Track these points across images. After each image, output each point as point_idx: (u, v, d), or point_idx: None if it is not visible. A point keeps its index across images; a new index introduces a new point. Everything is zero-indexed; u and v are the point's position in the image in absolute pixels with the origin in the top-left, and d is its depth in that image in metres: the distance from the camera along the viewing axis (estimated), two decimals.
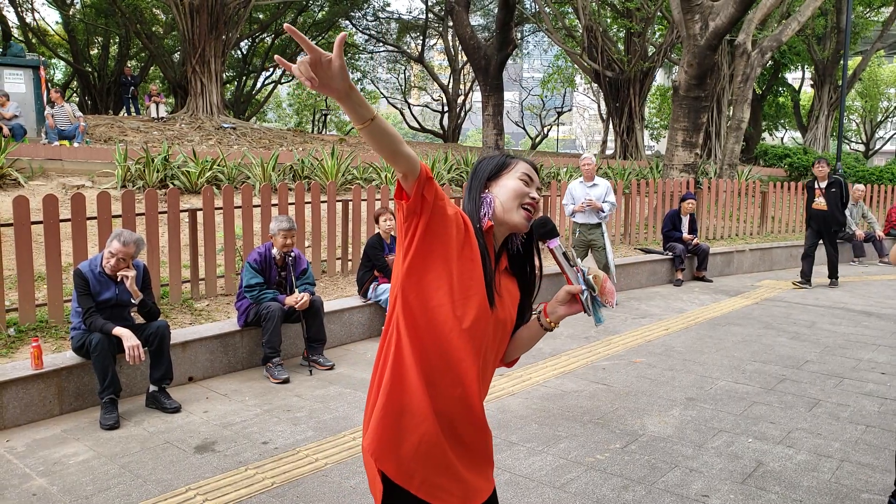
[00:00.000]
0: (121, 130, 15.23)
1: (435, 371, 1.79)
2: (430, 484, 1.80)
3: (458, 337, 1.77)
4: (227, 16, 18.26)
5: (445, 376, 1.79)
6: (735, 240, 11.96)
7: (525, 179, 1.89)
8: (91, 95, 27.81)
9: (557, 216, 9.52)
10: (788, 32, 16.14)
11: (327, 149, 12.76)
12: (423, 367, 1.79)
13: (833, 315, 7.82)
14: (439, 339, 1.77)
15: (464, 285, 1.77)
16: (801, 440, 4.21)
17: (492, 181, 1.91)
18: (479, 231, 1.83)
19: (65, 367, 4.56)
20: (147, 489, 3.52)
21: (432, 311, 1.77)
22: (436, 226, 1.73)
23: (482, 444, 1.90)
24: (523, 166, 1.92)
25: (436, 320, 1.77)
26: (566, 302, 1.88)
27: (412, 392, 1.79)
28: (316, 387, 5.13)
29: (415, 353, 1.78)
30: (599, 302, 1.84)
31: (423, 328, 1.78)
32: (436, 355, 1.78)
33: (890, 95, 37.72)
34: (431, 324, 1.78)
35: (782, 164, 19.36)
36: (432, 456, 1.80)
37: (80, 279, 4.49)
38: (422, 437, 1.79)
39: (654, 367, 5.67)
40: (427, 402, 1.79)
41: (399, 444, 1.79)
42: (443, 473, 1.81)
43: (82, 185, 9.75)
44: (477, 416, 1.85)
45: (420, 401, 1.79)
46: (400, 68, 37.56)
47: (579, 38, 22.17)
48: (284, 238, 5.44)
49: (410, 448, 1.79)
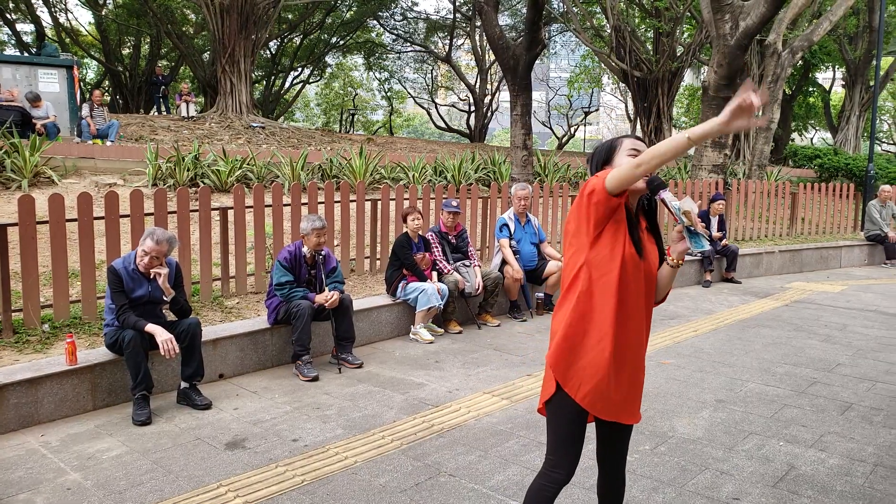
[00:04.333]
0: (151, 129, 15.46)
1: (608, 310, 2.28)
2: (592, 398, 2.31)
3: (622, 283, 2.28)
4: (256, 16, 18.43)
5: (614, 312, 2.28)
6: (764, 241, 11.80)
7: (633, 153, 2.33)
8: (122, 95, 28.27)
9: None
10: (820, 32, 15.88)
11: (355, 148, 12.83)
12: (602, 308, 2.29)
13: (865, 318, 7.69)
14: (609, 285, 2.27)
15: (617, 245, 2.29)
16: (834, 444, 4.15)
17: (606, 165, 2.40)
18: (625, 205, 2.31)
19: (98, 364, 4.63)
20: (179, 485, 3.57)
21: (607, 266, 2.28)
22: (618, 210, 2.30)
23: (641, 372, 2.43)
24: (629, 142, 2.39)
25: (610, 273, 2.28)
26: (678, 240, 2.33)
27: (589, 325, 2.31)
28: (345, 385, 5.17)
29: (596, 298, 2.30)
30: (694, 232, 2.25)
31: (599, 278, 2.29)
32: (607, 297, 2.28)
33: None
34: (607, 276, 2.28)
35: (812, 164, 19.05)
36: (598, 374, 2.29)
37: (114, 276, 4.56)
38: (591, 360, 2.30)
39: (682, 369, 5.63)
40: (599, 334, 2.29)
41: (573, 362, 2.32)
42: (604, 389, 2.30)
43: (114, 184, 9.92)
44: (639, 347, 2.38)
45: (594, 333, 2.30)
46: (427, 68, 37.62)
47: (607, 37, 22.00)
48: (318, 237, 5.49)
49: (581, 367, 2.31)
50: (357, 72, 39.89)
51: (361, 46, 32.84)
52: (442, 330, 6.64)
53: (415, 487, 3.53)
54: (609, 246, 2.29)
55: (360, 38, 32.35)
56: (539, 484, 2.43)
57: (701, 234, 2.23)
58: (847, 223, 13.77)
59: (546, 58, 37.91)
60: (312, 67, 33.63)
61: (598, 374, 2.30)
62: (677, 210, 2.23)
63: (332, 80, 39.44)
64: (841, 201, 13.59)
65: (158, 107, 21.64)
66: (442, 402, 4.82)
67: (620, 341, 2.31)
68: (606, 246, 2.29)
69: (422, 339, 6.34)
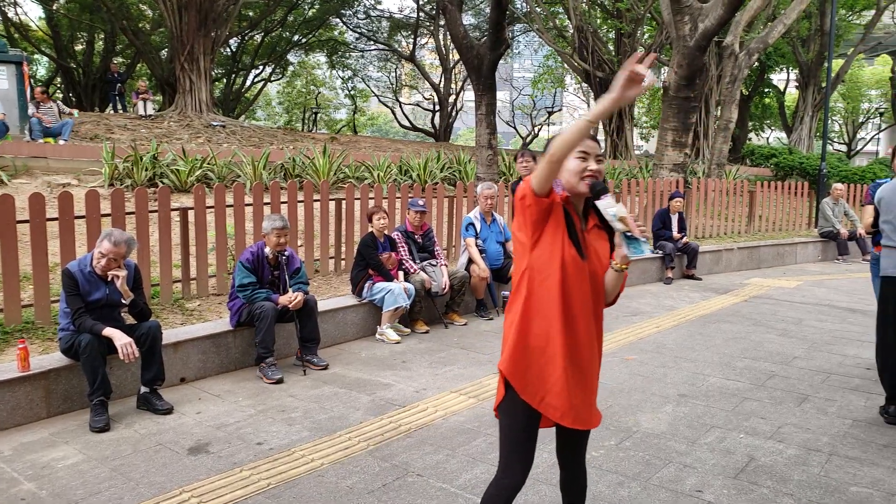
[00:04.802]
0: (107, 128, 15.11)
1: (553, 313, 2.28)
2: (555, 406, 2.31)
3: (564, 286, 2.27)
4: (216, 13, 18.15)
5: (560, 316, 2.28)
6: (723, 238, 12.04)
7: (582, 156, 2.30)
8: (76, 92, 27.53)
9: None
10: (774, 34, 16.28)
11: (318, 147, 12.72)
12: (546, 311, 2.29)
13: (819, 312, 7.89)
14: (552, 289, 2.27)
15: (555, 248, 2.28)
16: (791, 435, 4.25)
17: None
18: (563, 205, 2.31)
19: (53, 369, 4.49)
20: (139, 492, 3.49)
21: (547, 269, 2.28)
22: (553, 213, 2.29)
23: (594, 376, 2.40)
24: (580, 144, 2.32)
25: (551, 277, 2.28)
26: (619, 245, 2.30)
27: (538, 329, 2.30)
28: (310, 387, 5.12)
29: (538, 302, 2.30)
30: (633, 237, 2.22)
31: (542, 282, 2.29)
32: (551, 301, 2.28)
33: (871, 97, 38.09)
34: (549, 279, 2.28)
35: (768, 163, 19.50)
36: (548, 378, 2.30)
37: (69, 279, 4.44)
38: (544, 363, 2.30)
39: (646, 365, 5.71)
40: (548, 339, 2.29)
41: (527, 368, 2.32)
42: (556, 395, 2.30)
43: (68, 184, 9.67)
44: (590, 349, 2.35)
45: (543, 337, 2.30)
46: (391, 67, 37.45)
47: (570, 38, 22.22)
48: (278, 237, 5.42)
49: (534, 372, 2.31)
50: (320, 70, 39.55)
51: (324, 44, 32.58)
52: (409, 330, 6.62)
53: (382, 488, 3.51)
54: (549, 249, 2.29)
55: (322, 37, 32.08)
56: (490, 493, 2.42)
57: (640, 240, 2.21)
58: (802, 220, 14.14)
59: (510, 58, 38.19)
60: (274, 65, 33.25)
61: (555, 382, 2.30)
62: (613, 217, 2.21)
63: (294, 79, 39.04)
64: (796, 199, 13.95)
65: (114, 105, 21.14)
66: (409, 402, 4.80)
67: (571, 344, 2.30)
68: (546, 249, 2.29)
69: (388, 340, 6.31)
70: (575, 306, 2.30)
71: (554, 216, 2.29)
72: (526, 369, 2.33)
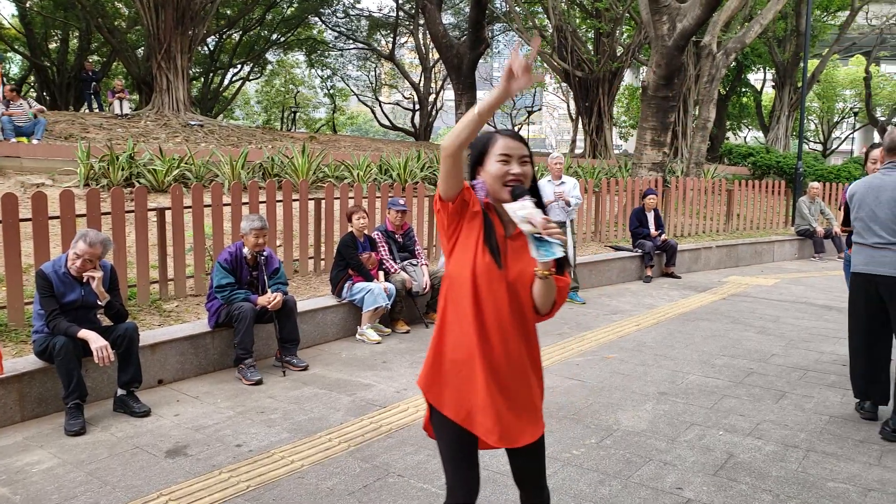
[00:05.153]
0: (82, 127, 14.89)
1: (467, 325, 2.15)
2: (478, 424, 2.17)
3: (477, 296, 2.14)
4: (193, 11, 17.95)
5: (474, 327, 2.14)
6: (702, 237, 12.15)
7: (503, 160, 2.14)
8: (50, 91, 27.14)
9: None
10: (751, 35, 16.44)
11: (297, 146, 12.63)
12: (461, 323, 2.17)
13: (796, 309, 7.99)
14: (464, 299, 2.15)
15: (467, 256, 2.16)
16: (770, 431, 4.29)
17: (478, 167, 2.20)
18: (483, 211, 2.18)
19: (27, 372, 4.41)
20: (116, 496, 3.43)
21: (461, 277, 2.16)
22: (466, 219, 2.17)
23: (524, 390, 2.22)
24: (500, 146, 2.16)
25: (463, 286, 2.16)
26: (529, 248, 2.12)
27: (454, 342, 2.19)
28: (290, 388, 5.08)
29: (453, 313, 2.19)
30: (543, 239, 2.03)
31: (457, 290, 2.18)
32: (465, 312, 2.15)
33: (845, 97, 38.70)
34: (461, 289, 2.16)
35: (746, 162, 19.72)
36: (470, 394, 2.16)
37: (43, 281, 4.36)
38: (463, 379, 2.17)
39: (626, 363, 5.73)
40: (465, 353, 2.16)
41: (444, 385, 2.21)
42: (480, 411, 2.16)
43: (42, 184, 9.52)
44: (513, 363, 2.19)
45: (460, 351, 2.17)
46: (370, 66, 37.39)
47: (549, 37, 22.28)
48: (256, 237, 5.37)
49: (453, 388, 2.19)
50: (299, 69, 39.37)
51: (303, 43, 32.41)
52: (389, 330, 6.59)
53: (363, 489, 3.49)
54: (462, 256, 2.17)
55: (301, 35, 31.91)
56: None
57: (552, 241, 2.02)
58: (779, 219, 14.31)
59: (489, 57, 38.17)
60: (252, 64, 33.03)
61: (478, 397, 2.16)
62: (521, 219, 2.03)
63: (272, 78, 38.82)
64: (773, 198, 14.11)
65: (90, 104, 20.86)
66: (390, 402, 4.78)
67: (488, 357, 2.15)
68: (460, 256, 2.18)
69: (368, 340, 6.28)
70: (488, 318, 2.15)
71: (469, 222, 2.16)
72: (445, 384, 2.21)
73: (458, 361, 2.18)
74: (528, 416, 2.23)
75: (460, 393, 2.18)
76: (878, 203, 4.24)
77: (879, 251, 4.25)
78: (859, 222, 4.39)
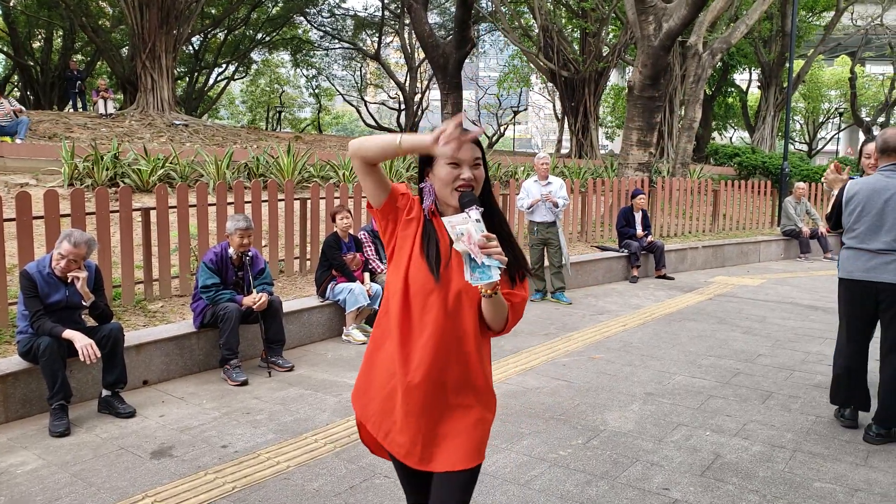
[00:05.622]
0: (66, 127, 14.75)
1: (392, 341, 2.03)
2: (392, 438, 2.07)
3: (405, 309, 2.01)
4: (178, 10, 17.83)
5: (399, 342, 2.01)
6: (688, 237, 12.22)
7: (452, 163, 1.97)
8: (34, 90, 26.87)
9: (516, 215, 9.56)
10: (737, 35, 16.55)
11: (283, 146, 12.57)
12: (388, 337, 2.06)
13: (782, 310, 8.05)
14: (393, 311, 2.03)
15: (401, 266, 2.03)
16: (756, 432, 4.32)
17: (428, 167, 2.05)
18: (426, 217, 2.05)
19: (10, 373, 4.37)
20: (101, 497, 3.40)
21: (393, 287, 2.04)
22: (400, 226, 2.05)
23: (453, 414, 2.04)
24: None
25: (394, 297, 2.04)
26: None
27: (383, 357, 2.07)
28: (275, 388, 5.05)
29: (382, 327, 2.10)
30: (475, 259, 1.80)
31: (388, 305, 2.07)
32: (393, 325, 2.03)
33: (831, 97, 39.03)
34: (392, 301, 2.04)
35: (732, 163, 19.84)
36: (392, 412, 2.05)
37: (27, 281, 4.32)
38: (386, 397, 2.06)
39: (612, 363, 5.75)
40: (391, 370, 2.04)
41: (370, 400, 2.12)
42: (398, 431, 2.05)
43: (26, 184, 9.41)
44: (438, 386, 2.01)
45: (387, 367, 2.06)
46: (356, 65, 37.27)
47: (535, 37, 22.33)
48: (241, 238, 5.34)
49: (377, 405, 2.09)
50: (284, 69, 39.20)
51: (288, 43, 32.28)
52: None
53: (349, 490, 3.48)
54: (396, 266, 2.04)
55: (286, 35, 31.78)
56: None
57: (488, 264, 1.79)
58: (765, 219, 14.41)
59: (475, 57, 38.25)
60: (237, 64, 32.85)
61: (398, 415, 2.03)
62: (458, 234, 1.82)
63: (257, 77, 38.63)
64: (759, 198, 14.21)
65: (74, 103, 20.68)
66: None
67: (409, 379, 2.00)
68: (395, 265, 2.05)
69: (354, 340, 6.26)
70: (415, 334, 1.99)
71: (404, 230, 2.03)
72: (371, 399, 2.10)
73: (388, 373, 2.05)
74: (454, 443, 2.02)
75: (385, 408, 2.07)
76: (884, 206, 4.06)
77: (882, 257, 4.08)
78: (861, 226, 4.17)
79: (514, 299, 2.01)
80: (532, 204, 8.01)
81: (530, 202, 8.01)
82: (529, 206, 8.04)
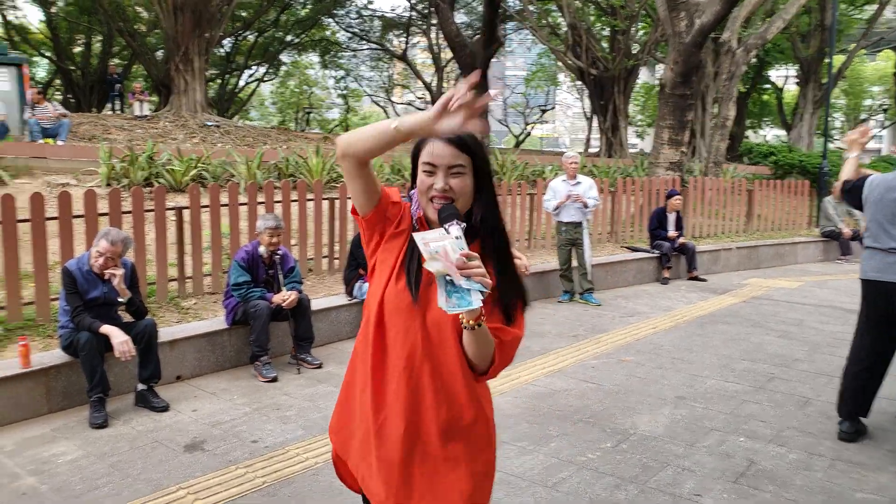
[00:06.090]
0: (104, 129, 15.05)
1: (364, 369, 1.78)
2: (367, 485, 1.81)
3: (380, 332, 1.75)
4: (210, 13, 18.08)
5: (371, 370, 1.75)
6: (721, 238, 12.02)
7: (427, 169, 1.70)
8: (74, 93, 27.54)
9: (543, 214, 9.50)
10: (773, 30, 16.22)
11: (311, 147, 12.67)
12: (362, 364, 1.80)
13: (820, 313, 7.86)
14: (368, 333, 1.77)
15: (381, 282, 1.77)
16: (793, 439, 4.22)
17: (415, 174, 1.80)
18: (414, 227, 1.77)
19: (53, 366, 4.51)
20: (137, 488, 3.48)
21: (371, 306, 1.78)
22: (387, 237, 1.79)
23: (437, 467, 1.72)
24: (425, 152, 1.72)
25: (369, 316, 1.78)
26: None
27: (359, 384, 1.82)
28: (304, 385, 5.10)
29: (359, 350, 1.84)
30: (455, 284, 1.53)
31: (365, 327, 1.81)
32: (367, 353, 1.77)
33: (873, 93, 38.06)
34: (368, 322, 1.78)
35: (767, 162, 19.46)
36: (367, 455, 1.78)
37: (68, 277, 4.46)
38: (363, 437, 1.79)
39: (643, 366, 5.68)
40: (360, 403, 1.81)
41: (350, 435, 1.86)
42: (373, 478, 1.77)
43: (67, 184, 9.63)
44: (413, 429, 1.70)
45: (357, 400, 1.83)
46: (383, 66, 37.41)
47: (563, 35, 22.18)
48: (271, 236, 5.40)
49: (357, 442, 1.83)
50: (312, 70, 39.49)
51: (317, 44, 32.53)
52: None
53: None
54: (376, 281, 1.77)
55: (315, 36, 32.01)
56: None
57: (467, 287, 1.51)
58: (802, 220, 14.09)
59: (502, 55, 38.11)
60: (267, 66, 33.19)
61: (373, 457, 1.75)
62: (430, 254, 1.54)
63: (287, 79, 38.98)
64: (796, 198, 13.91)
65: (114, 105, 21.16)
66: None
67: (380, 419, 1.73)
68: (374, 281, 1.79)
69: None
70: (390, 363, 1.71)
71: (389, 241, 1.76)
72: (352, 434, 1.83)
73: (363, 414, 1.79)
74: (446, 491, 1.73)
75: (362, 452, 1.79)
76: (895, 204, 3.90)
77: (894, 255, 3.94)
78: (874, 224, 4.05)
79: (503, 336, 1.68)
80: (558, 205, 7.94)
81: (556, 203, 7.94)
82: (555, 207, 7.97)
